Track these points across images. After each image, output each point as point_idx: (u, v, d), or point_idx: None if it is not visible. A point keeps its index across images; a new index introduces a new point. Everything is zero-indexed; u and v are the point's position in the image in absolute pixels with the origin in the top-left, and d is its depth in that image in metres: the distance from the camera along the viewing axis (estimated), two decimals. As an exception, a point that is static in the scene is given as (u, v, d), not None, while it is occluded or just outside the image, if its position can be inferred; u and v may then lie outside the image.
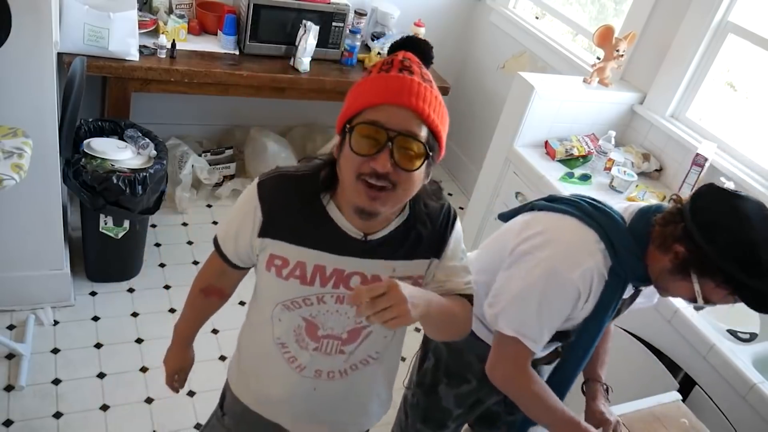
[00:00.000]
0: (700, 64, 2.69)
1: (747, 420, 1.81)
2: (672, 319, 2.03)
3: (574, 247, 1.38)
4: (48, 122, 2.23)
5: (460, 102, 4.19)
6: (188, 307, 1.47)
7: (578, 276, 1.35)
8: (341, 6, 3.20)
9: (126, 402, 2.34)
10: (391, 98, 1.03)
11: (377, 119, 1.03)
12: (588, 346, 1.48)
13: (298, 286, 1.21)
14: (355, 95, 1.08)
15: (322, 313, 1.24)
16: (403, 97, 1.03)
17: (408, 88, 1.04)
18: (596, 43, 2.79)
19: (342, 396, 1.39)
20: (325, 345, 1.29)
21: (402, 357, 2.82)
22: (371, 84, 1.06)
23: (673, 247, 1.31)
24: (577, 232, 1.39)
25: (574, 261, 1.36)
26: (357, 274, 1.20)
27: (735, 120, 2.81)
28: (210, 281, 1.40)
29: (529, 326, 1.39)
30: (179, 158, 3.24)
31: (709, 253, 1.25)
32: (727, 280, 1.26)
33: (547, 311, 1.38)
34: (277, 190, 1.19)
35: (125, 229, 2.65)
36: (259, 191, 1.19)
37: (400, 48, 1.11)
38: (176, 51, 2.91)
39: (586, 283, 1.36)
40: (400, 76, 1.04)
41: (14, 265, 2.49)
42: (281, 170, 1.22)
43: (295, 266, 1.19)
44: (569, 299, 1.38)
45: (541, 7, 3.67)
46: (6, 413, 2.19)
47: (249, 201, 1.21)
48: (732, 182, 2.40)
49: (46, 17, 2.06)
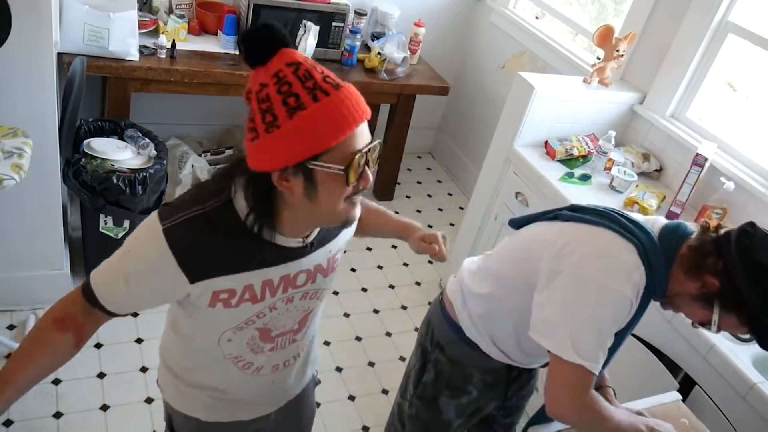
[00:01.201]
0: (700, 64, 2.69)
1: (747, 420, 1.81)
2: (672, 320, 2.03)
3: (619, 261, 1.33)
4: (48, 122, 2.23)
5: (460, 102, 4.19)
6: (28, 346, 1.16)
7: (630, 290, 1.31)
8: (341, 6, 3.20)
9: (126, 402, 2.34)
10: (352, 125, 1.02)
11: (356, 147, 1.03)
12: (609, 360, 1.42)
13: (250, 306, 1.18)
14: (309, 134, 0.99)
15: (274, 318, 1.24)
16: (357, 115, 1.02)
17: (354, 104, 1.03)
18: (596, 43, 2.79)
19: (296, 372, 1.43)
20: (280, 342, 1.31)
21: (401, 357, 2.82)
22: (321, 118, 0.99)
23: (706, 277, 1.30)
24: (618, 246, 1.34)
25: (623, 275, 1.31)
26: (302, 271, 1.21)
27: (735, 120, 2.81)
28: (72, 311, 1.17)
29: (588, 350, 1.31)
30: (179, 158, 3.25)
31: (748, 297, 1.25)
32: (749, 318, 1.28)
33: (605, 330, 1.33)
34: (193, 234, 1.08)
35: (125, 229, 2.64)
36: (170, 241, 1.07)
37: (254, 41, 1.01)
38: (176, 51, 2.91)
39: (635, 296, 1.33)
40: (337, 96, 1.01)
41: (14, 265, 2.49)
42: (184, 214, 1.09)
43: (243, 291, 1.16)
44: (623, 314, 1.33)
45: (541, 7, 3.67)
46: (6, 413, 2.19)
47: (157, 255, 1.08)
48: (732, 182, 2.40)
49: (46, 17, 2.06)
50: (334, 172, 1.02)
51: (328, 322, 2.88)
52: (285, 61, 1.01)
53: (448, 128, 4.36)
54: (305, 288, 1.24)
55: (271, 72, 1.00)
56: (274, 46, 1.01)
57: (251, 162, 1.05)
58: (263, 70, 1.01)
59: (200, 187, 1.16)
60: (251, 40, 1.01)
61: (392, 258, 3.40)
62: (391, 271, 3.32)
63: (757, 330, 1.29)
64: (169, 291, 1.14)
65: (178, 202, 1.13)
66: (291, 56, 1.01)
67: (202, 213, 1.10)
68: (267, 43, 1.01)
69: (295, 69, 1.00)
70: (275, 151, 1.00)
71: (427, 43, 3.66)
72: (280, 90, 0.99)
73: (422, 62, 3.68)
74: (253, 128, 1.02)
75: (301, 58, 1.02)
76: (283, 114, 0.99)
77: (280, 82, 0.99)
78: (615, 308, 1.32)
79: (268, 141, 1.00)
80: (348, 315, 2.97)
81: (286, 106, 0.99)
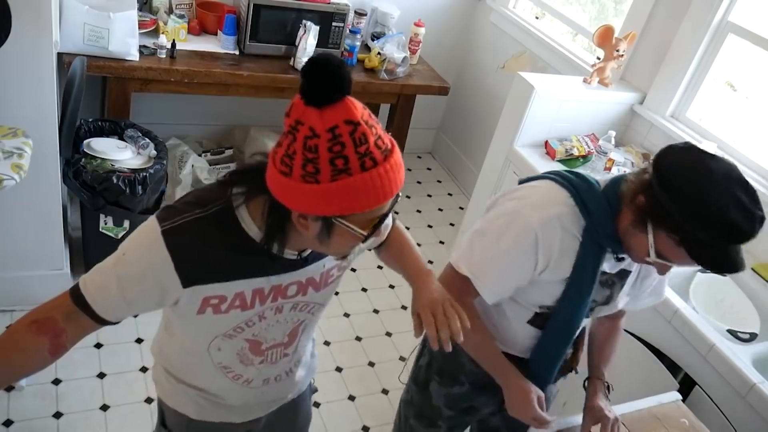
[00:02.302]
0: (700, 64, 2.69)
1: (747, 420, 1.81)
2: (672, 319, 2.03)
3: (542, 200, 1.39)
4: (48, 122, 2.23)
5: (460, 102, 4.19)
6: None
7: (537, 220, 1.35)
8: (341, 6, 3.20)
9: (126, 402, 2.34)
10: (388, 196, 0.99)
11: (381, 212, 1.01)
12: (569, 318, 1.45)
13: (239, 314, 1.17)
14: (344, 199, 0.96)
15: (264, 329, 1.24)
16: (394, 188, 0.99)
17: (394, 177, 0.98)
18: (596, 43, 2.79)
19: (288, 384, 1.43)
20: (270, 356, 1.30)
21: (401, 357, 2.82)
22: (362, 189, 0.95)
23: (637, 198, 1.30)
24: (549, 189, 1.41)
25: (536, 206, 1.38)
26: (293, 283, 1.20)
27: (735, 120, 2.81)
28: (54, 315, 1.10)
29: (481, 268, 1.42)
30: (179, 158, 3.25)
31: (662, 199, 1.23)
32: (675, 228, 1.24)
33: (504, 256, 1.39)
34: (192, 237, 1.07)
35: (125, 229, 2.65)
36: (168, 244, 1.05)
37: (322, 78, 0.92)
38: (176, 51, 2.91)
39: (546, 232, 1.35)
40: (384, 168, 0.96)
41: (14, 265, 2.49)
42: (184, 216, 1.07)
43: (234, 298, 1.15)
44: (526, 245, 1.36)
45: (541, 7, 3.67)
46: (6, 413, 2.20)
47: (154, 257, 1.06)
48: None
49: (46, 17, 2.06)
50: (354, 233, 1.01)
51: (328, 322, 2.88)
52: (344, 117, 0.93)
53: (448, 128, 4.36)
54: (296, 299, 1.23)
55: (328, 125, 0.92)
56: (339, 94, 0.93)
57: (275, 191, 1.01)
58: (318, 115, 0.92)
59: (202, 190, 1.14)
60: (318, 76, 0.91)
61: (392, 258, 3.40)
62: (391, 271, 3.29)
63: (688, 241, 1.24)
64: (161, 296, 1.11)
65: (178, 204, 1.11)
66: (351, 113, 0.93)
67: (203, 216, 1.08)
68: (334, 89, 0.92)
69: (352, 130, 0.93)
70: (305, 201, 0.97)
71: (427, 43, 3.66)
72: (332, 149, 0.92)
73: (422, 62, 3.68)
74: (289, 165, 0.96)
75: (360, 116, 0.94)
76: (327, 173, 0.93)
77: (334, 141, 0.92)
78: (518, 237, 1.36)
79: (302, 188, 0.96)
80: (348, 315, 2.97)
81: (333, 167, 0.93)
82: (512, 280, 1.43)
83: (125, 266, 1.10)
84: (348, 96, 0.94)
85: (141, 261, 1.09)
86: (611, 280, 1.48)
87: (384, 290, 3.18)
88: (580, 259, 1.38)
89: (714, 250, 1.23)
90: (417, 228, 3.70)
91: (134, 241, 1.11)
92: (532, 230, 1.35)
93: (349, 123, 0.93)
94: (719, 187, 1.22)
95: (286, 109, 0.96)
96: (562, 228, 1.36)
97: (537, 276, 1.41)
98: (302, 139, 0.93)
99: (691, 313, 2.01)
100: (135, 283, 1.10)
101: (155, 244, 1.06)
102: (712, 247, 1.22)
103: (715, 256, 1.23)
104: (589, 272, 1.40)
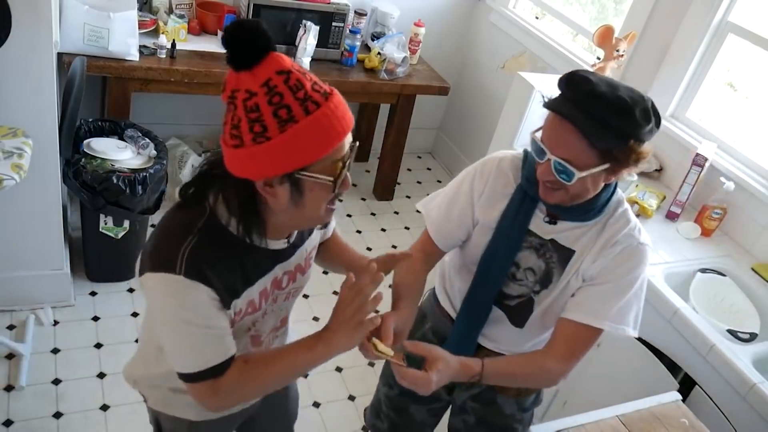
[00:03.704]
0: (700, 64, 2.69)
1: (747, 420, 1.81)
2: (672, 319, 2.03)
3: (494, 155, 1.54)
4: (48, 122, 2.23)
5: (460, 102, 4.19)
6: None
7: (482, 161, 1.53)
8: (341, 6, 3.20)
9: (126, 402, 2.33)
10: (341, 135, 1.02)
11: (341, 155, 1.04)
12: (489, 263, 1.48)
13: (249, 318, 1.21)
14: (300, 147, 0.98)
15: (263, 323, 1.28)
16: (345, 125, 1.02)
17: (342, 114, 1.01)
18: (596, 43, 2.79)
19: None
20: (266, 343, 1.35)
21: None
22: (313, 132, 0.98)
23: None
24: (509, 152, 1.55)
25: (487, 156, 1.55)
26: (286, 273, 1.24)
27: (735, 120, 2.80)
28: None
29: (429, 203, 1.61)
30: (179, 158, 3.25)
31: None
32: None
33: (448, 188, 1.57)
34: (205, 260, 1.07)
35: (125, 229, 2.65)
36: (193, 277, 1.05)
37: (241, 42, 0.95)
38: (176, 51, 2.91)
39: (484, 167, 1.51)
40: (328, 108, 0.99)
41: (14, 265, 2.49)
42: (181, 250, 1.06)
43: (247, 306, 1.18)
44: (466, 176, 1.53)
45: (541, 7, 3.67)
46: (6, 413, 2.20)
47: (197, 296, 1.07)
48: (732, 182, 2.40)
49: (46, 17, 2.06)
50: (322, 182, 1.03)
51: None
52: (275, 68, 0.97)
53: (448, 128, 4.36)
54: (288, 288, 1.27)
55: (261, 80, 0.96)
56: (263, 50, 0.96)
57: (234, 169, 1.02)
58: (250, 76, 0.96)
59: (179, 215, 1.12)
60: (237, 41, 0.95)
61: (392, 258, 3.40)
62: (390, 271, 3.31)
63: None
64: (224, 320, 1.13)
65: (165, 243, 1.09)
66: (280, 63, 0.98)
67: (200, 238, 1.07)
68: (255, 47, 0.96)
69: (285, 78, 0.97)
70: (263, 162, 0.99)
71: (427, 43, 3.66)
72: (271, 101, 0.96)
73: (422, 62, 3.68)
74: (238, 135, 0.98)
75: (290, 65, 0.99)
76: (275, 127, 0.96)
77: (271, 93, 0.96)
78: (463, 173, 1.56)
79: (256, 151, 0.98)
80: (348, 315, 2.97)
81: (278, 119, 0.96)
82: (451, 210, 1.53)
83: (196, 326, 1.10)
84: (273, 52, 0.97)
85: (200, 309, 1.08)
86: (545, 249, 1.45)
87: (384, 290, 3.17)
88: (509, 204, 1.46)
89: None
90: (417, 228, 3.70)
91: (181, 301, 1.08)
92: (473, 167, 1.54)
93: (281, 73, 0.97)
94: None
95: (222, 87, 1.00)
96: (498, 168, 1.49)
97: (473, 223, 1.52)
98: (242, 103, 0.97)
99: (691, 313, 2.01)
100: (210, 328, 1.11)
101: (191, 288, 1.05)
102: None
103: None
104: (514, 220, 1.45)
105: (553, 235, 1.45)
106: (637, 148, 1.27)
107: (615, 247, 1.40)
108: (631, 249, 1.40)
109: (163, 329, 1.15)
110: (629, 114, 1.24)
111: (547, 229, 1.45)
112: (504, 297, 1.52)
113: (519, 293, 1.50)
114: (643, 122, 1.25)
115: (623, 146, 1.27)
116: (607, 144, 1.26)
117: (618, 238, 1.40)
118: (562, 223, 1.44)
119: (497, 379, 1.43)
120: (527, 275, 1.48)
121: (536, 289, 1.48)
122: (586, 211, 1.40)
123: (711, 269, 2.26)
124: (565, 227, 1.43)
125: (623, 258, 1.40)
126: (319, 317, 2.91)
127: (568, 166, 1.28)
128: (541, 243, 1.45)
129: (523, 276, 1.48)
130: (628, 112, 1.24)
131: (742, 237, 2.47)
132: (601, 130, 1.25)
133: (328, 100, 0.99)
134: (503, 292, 1.51)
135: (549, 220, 1.44)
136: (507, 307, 1.53)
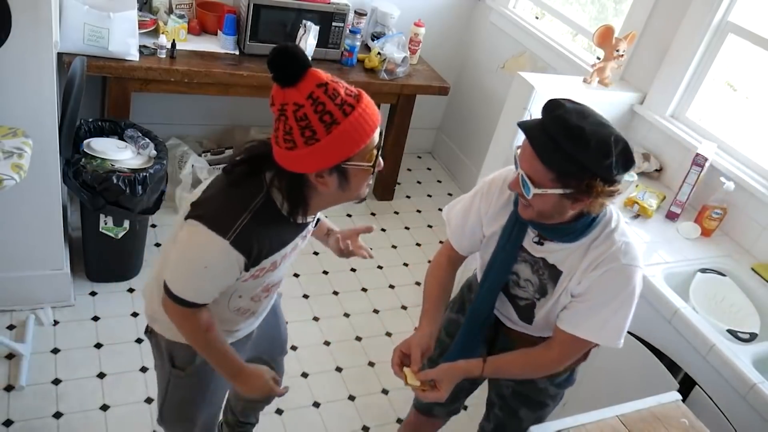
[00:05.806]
0: (700, 64, 2.69)
1: (747, 420, 1.81)
2: (672, 319, 2.03)
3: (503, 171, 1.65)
4: (48, 122, 2.23)
5: (460, 102, 4.19)
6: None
7: (490, 178, 1.65)
8: (341, 6, 3.20)
9: (126, 402, 2.34)
10: (374, 128, 1.27)
11: (375, 143, 1.29)
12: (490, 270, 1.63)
13: (269, 275, 1.46)
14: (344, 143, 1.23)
15: (276, 276, 1.51)
16: (375, 120, 1.27)
17: (372, 111, 1.26)
18: (596, 43, 2.79)
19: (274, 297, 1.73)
20: (272, 291, 1.60)
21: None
22: (353, 129, 1.23)
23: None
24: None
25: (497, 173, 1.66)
26: (300, 238, 1.48)
27: (735, 120, 2.80)
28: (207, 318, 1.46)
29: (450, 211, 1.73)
30: (179, 158, 3.25)
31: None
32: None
33: (466, 198, 1.70)
34: (253, 236, 1.32)
35: (125, 229, 2.65)
36: (237, 247, 1.30)
37: (283, 65, 1.19)
38: (176, 51, 2.91)
39: (492, 184, 1.63)
40: (361, 107, 1.24)
41: (14, 265, 2.49)
42: (239, 223, 1.30)
43: (271, 266, 1.43)
44: (478, 191, 1.66)
45: (541, 7, 3.67)
46: (6, 413, 2.20)
47: (228, 260, 1.31)
48: (732, 182, 2.40)
49: (46, 17, 2.06)
50: (363, 168, 1.28)
51: (328, 322, 2.89)
52: (315, 82, 1.20)
53: (448, 128, 4.36)
54: (297, 251, 1.53)
55: (305, 94, 1.20)
56: (303, 69, 1.20)
57: (288, 165, 1.27)
58: (295, 91, 1.20)
59: (236, 191, 1.34)
60: (279, 65, 1.19)
61: (392, 258, 3.40)
62: (391, 271, 3.32)
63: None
64: (232, 280, 1.38)
65: (225, 212, 1.31)
66: (319, 77, 1.21)
67: (253, 216, 1.31)
68: (298, 67, 1.19)
69: (324, 89, 1.21)
70: (316, 159, 1.24)
71: (427, 43, 3.66)
72: (316, 110, 1.20)
73: (422, 62, 3.68)
74: (291, 140, 1.22)
75: (326, 78, 1.22)
76: (322, 130, 1.21)
77: (315, 103, 1.20)
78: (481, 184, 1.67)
79: (309, 151, 1.22)
80: (348, 315, 2.97)
81: (323, 123, 1.20)
82: (465, 222, 1.67)
83: (210, 276, 1.36)
84: (311, 68, 1.21)
85: (223, 268, 1.34)
86: (537, 266, 1.56)
87: (384, 290, 3.18)
88: (507, 222, 1.57)
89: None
90: (417, 228, 3.70)
91: (210, 254, 1.32)
92: (485, 182, 1.66)
93: (321, 85, 1.21)
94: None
95: (269, 101, 1.24)
96: (501, 188, 1.60)
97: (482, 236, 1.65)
98: (292, 114, 1.21)
99: (691, 313, 2.01)
100: (218, 281, 1.38)
101: (230, 255, 1.30)
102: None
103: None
104: (509, 237, 1.56)
105: (542, 254, 1.55)
106: (595, 183, 1.34)
107: (597, 269, 1.47)
108: (614, 271, 1.46)
109: (181, 259, 1.37)
110: (581, 141, 1.30)
111: (537, 248, 1.55)
112: (515, 297, 1.66)
113: (525, 296, 1.63)
114: (600, 156, 1.31)
115: (582, 176, 1.33)
116: (560, 167, 1.33)
117: (601, 260, 1.47)
118: (549, 244, 1.53)
119: (496, 375, 1.67)
120: (528, 285, 1.60)
121: (537, 297, 1.60)
122: (566, 233, 1.48)
123: (711, 269, 2.26)
124: (552, 248, 1.53)
125: (607, 279, 1.47)
126: (319, 317, 2.92)
127: (528, 181, 1.38)
128: (534, 260, 1.56)
129: (525, 284, 1.61)
130: (581, 140, 1.30)
131: (742, 237, 2.47)
132: (553, 153, 1.33)
133: (359, 102, 1.24)
134: (513, 293, 1.65)
135: (537, 241, 1.54)
136: (517, 306, 1.67)
